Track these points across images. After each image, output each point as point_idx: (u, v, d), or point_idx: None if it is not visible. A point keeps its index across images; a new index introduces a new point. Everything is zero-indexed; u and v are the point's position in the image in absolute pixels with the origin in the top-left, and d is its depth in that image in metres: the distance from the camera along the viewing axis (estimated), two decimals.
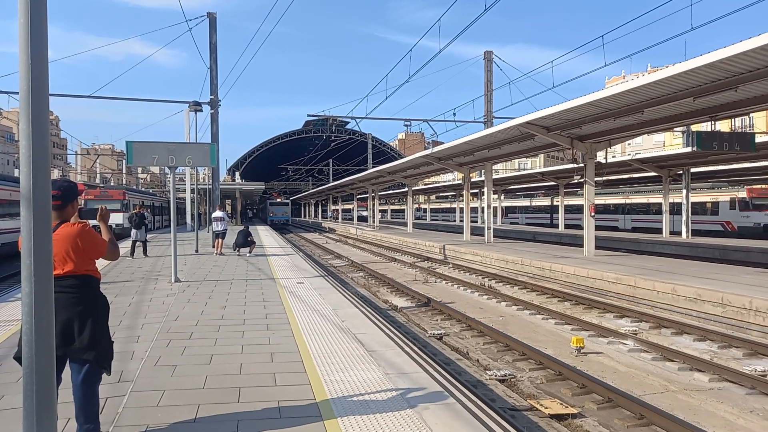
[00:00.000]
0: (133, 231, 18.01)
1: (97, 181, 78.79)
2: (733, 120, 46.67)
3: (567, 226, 39.66)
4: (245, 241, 19.04)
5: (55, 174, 75.22)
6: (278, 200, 73.64)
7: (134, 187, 79.45)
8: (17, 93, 2.46)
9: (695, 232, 29.82)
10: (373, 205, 51.81)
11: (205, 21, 24.20)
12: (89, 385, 3.53)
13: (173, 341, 6.63)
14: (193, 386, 4.96)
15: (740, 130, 47.53)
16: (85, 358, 3.49)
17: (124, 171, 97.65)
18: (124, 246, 20.35)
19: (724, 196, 33.80)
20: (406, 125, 37.16)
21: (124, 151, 12.90)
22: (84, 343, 3.45)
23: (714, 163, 26.58)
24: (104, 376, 3.75)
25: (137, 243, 17.98)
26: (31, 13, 2.38)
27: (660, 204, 31.37)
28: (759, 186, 33.83)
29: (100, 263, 14.57)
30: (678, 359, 8.33)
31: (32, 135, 2.38)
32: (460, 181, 40.36)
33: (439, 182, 73.98)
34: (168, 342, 6.60)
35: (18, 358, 3.40)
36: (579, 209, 38.07)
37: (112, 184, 79.11)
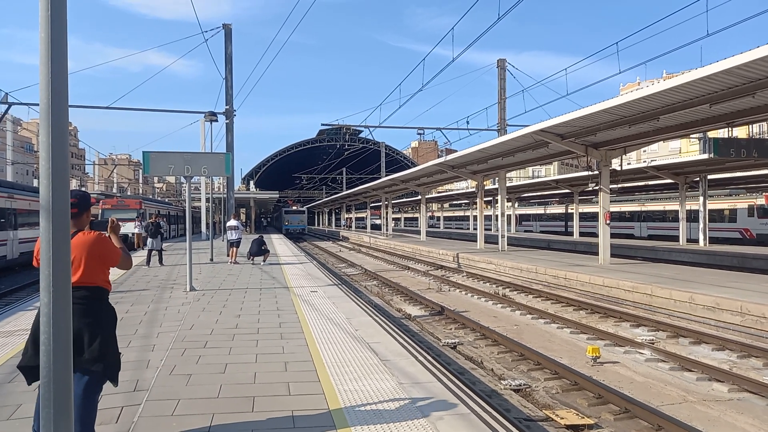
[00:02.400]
0: (149, 240, 18.19)
1: (114, 190, 79.84)
2: (750, 126, 46.05)
3: (582, 234, 39.32)
4: (259, 249, 19.14)
5: (73, 184, 76.38)
6: (294, 208, 69.78)
7: (150, 197, 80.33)
8: (37, 104, 2.51)
9: (713, 240, 29.42)
10: (387, 213, 51.83)
11: (221, 32, 24.53)
12: (89, 395, 3.54)
13: (188, 350, 6.67)
14: (207, 395, 4.98)
15: (758, 137, 46.90)
16: (94, 369, 3.50)
17: (140, 180, 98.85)
18: (140, 255, 20.56)
19: (742, 203, 33.32)
20: (420, 133, 37.28)
21: (141, 161, 13.06)
22: (94, 354, 3.47)
23: (731, 170, 26.23)
24: (111, 385, 3.75)
25: (153, 252, 18.16)
26: (52, 27, 2.42)
27: (676, 211, 31.02)
28: None
29: (114, 272, 14.59)
30: (696, 369, 8.20)
31: (52, 146, 2.42)
32: (473, 189, 40.25)
33: (452, 190, 73.84)
34: (183, 351, 6.64)
35: (21, 367, 3.44)
36: (594, 217, 37.74)
37: (128, 193, 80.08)
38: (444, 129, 33.14)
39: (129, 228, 30.27)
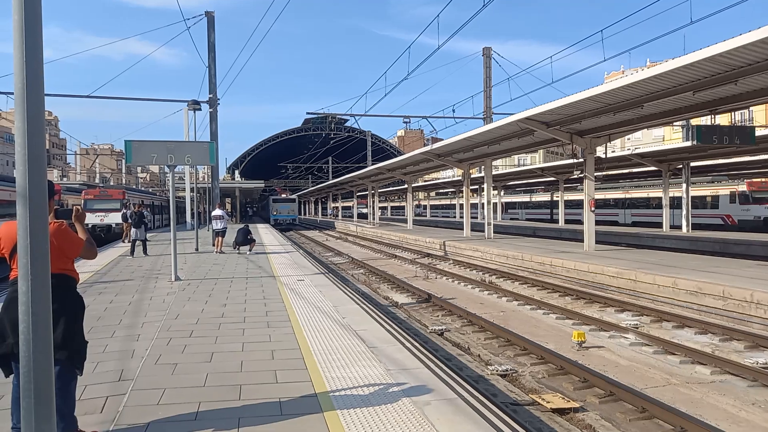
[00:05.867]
0: (133, 230, 17.99)
1: (97, 180, 78.81)
2: (732, 114, 46.54)
3: (567, 222, 39.64)
4: (245, 239, 19.03)
5: (55, 174, 75.19)
6: (283, 196, 62.84)
7: (134, 187, 79.45)
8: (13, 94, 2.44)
9: (695, 226, 29.80)
10: (373, 202, 51.79)
11: (204, 20, 24.15)
12: (63, 384, 3.50)
13: (174, 339, 6.63)
14: (193, 384, 4.95)
15: (740, 124, 47.47)
16: (57, 358, 3.45)
17: (123, 170, 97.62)
18: (125, 245, 20.36)
19: (724, 190, 33.77)
20: (406, 122, 37.18)
21: (124, 151, 12.88)
22: (57, 342, 3.42)
23: (714, 157, 26.54)
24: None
25: (137, 242, 17.97)
26: (26, 10, 2.36)
27: (660, 198, 31.34)
28: (759, 179, 33.79)
29: (100, 262, 14.43)
30: (679, 352, 8.32)
31: (27, 133, 2.36)
32: (459, 178, 40.34)
33: (438, 179, 73.97)
34: (168, 340, 6.59)
35: None
36: (579, 204, 38.02)
37: (111, 183, 79.12)
38: (430, 117, 33.15)
39: (115, 218, 29.96)
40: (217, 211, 19.85)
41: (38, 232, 2.38)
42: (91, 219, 29.02)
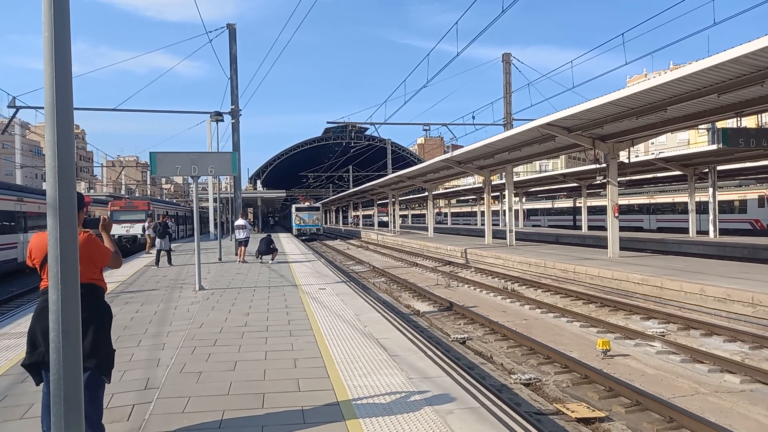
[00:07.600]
0: (158, 240, 18.27)
1: (123, 192, 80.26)
2: (759, 116, 45.56)
3: (590, 228, 39.15)
4: (267, 248, 19.19)
5: (82, 186, 76.83)
6: (305, 204, 56.84)
7: (158, 198, 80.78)
8: (44, 108, 2.52)
9: (723, 231, 29.18)
10: (394, 210, 51.80)
11: (225, 32, 24.58)
12: (91, 391, 3.56)
13: (198, 348, 6.70)
14: (217, 392, 5.00)
15: (767, 126, 46.42)
16: (86, 366, 3.52)
17: (148, 182, 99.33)
18: (150, 256, 20.67)
19: (752, 194, 33.03)
20: (425, 130, 37.27)
21: (148, 162, 13.11)
22: (86, 350, 3.49)
23: (741, 160, 26.02)
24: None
25: (162, 252, 18.24)
26: (55, 25, 2.44)
27: (685, 203, 30.79)
28: None
29: (126, 272, 14.65)
30: (708, 361, 8.14)
31: (57, 144, 2.43)
32: (480, 185, 40.16)
33: (459, 186, 73.70)
34: (193, 349, 6.67)
35: (25, 365, 3.51)
36: (602, 210, 37.56)
37: (137, 194, 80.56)
38: (450, 124, 33.18)
39: (139, 229, 30.52)
40: (240, 221, 20.07)
41: (68, 243, 2.44)
42: (117, 230, 29.63)
